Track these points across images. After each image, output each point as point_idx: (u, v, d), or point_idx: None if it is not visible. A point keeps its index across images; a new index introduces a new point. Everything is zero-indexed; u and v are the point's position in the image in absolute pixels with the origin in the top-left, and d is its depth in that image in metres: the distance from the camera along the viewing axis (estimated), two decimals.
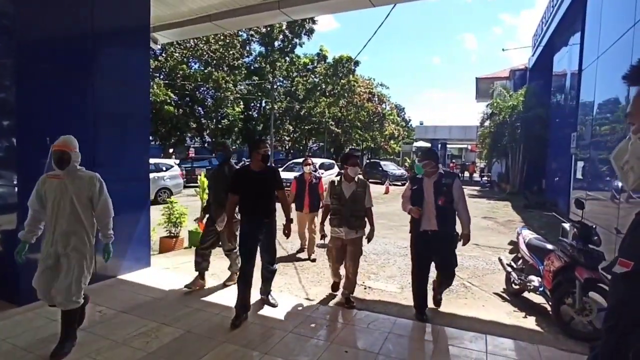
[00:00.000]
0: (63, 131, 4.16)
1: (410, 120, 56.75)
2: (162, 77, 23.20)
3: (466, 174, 29.99)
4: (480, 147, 22.86)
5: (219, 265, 5.05)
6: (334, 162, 20.06)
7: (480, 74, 27.16)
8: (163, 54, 23.49)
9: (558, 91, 15.17)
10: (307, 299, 4.34)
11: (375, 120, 38.54)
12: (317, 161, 17.02)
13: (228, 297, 4.09)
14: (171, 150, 26.81)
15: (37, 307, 3.71)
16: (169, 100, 22.05)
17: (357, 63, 34.02)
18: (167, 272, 5.06)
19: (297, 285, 4.83)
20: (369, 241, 4.07)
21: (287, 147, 37.08)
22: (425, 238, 3.79)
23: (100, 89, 4.51)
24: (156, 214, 6.22)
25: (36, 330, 3.28)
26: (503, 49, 60.08)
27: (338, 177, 4.23)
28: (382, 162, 26.51)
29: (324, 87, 32.96)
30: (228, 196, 3.77)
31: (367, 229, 4.07)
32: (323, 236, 4.25)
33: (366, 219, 4.07)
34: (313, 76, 33.01)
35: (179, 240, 6.55)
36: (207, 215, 4.72)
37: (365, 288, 4.79)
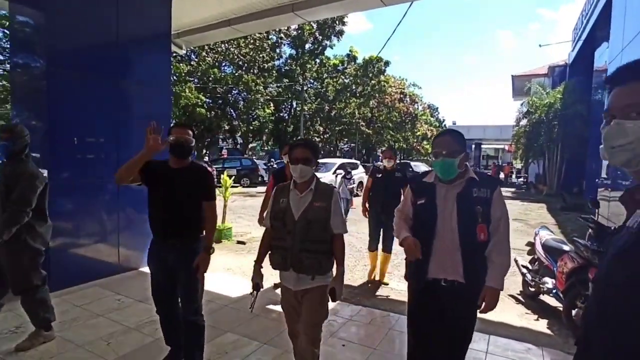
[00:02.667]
0: (90, 133, 4.53)
1: (444, 120, 55.35)
2: (195, 80, 24.07)
3: (501, 175, 28.96)
4: (515, 147, 21.99)
5: (234, 260, 5.24)
6: (357, 162, 19.51)
7: (517, 71, 26.10)
8: (195, 59, 24.38)
9: (600, 87, 14.34)
10: None
11: (407, 120, 38.00)
12: (333, 162, 16.28)
13: (235, 288, 4.25)
14: (204, 151, 27.78)
15: (65, 293, 4.04)
16: (200, 103, 22.83)
17: (387, 63, 33.71)
18: None
19: None
20: (332, 298, 2.13)
21: None
22: (434, 294, 2.08)
23: (124, 93, 4.82)
24: None
25: (61, 315, 3.57)
26: (540, 45, 57.40)
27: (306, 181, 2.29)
28: (412, 163, 26.09)
29: (354, 88, 32.90)
30: None
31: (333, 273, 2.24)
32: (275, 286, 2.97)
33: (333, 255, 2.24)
34: (343, 77, 33.03)
35: None
36: None
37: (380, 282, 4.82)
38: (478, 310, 2.02)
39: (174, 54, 7.30)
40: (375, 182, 4.86)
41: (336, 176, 14.12)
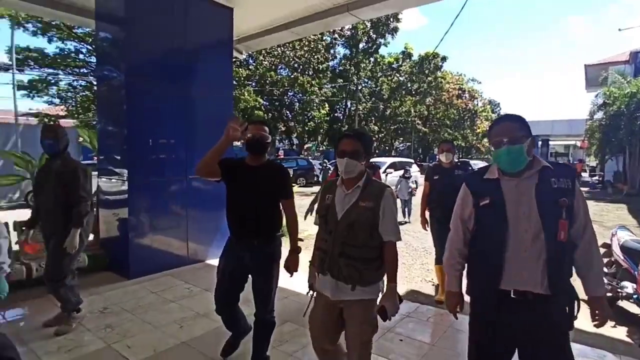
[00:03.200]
0: (162, 135, 4.94)
1: None
2: (253, 84, 25.05)
3: None
4: (589, 142, 20.14)
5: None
6: (411, 160, 18.86)
7: (591, 60, 23.89)
8: (253, 63, 25.36)
9: None
10: None
11: (466, 117, 36.47)
12: (383, 160, 15.83)
13: (295, 283, 4.41)
14: None
15: (142, 281, 4.45)
16: (258, 106, 23.70)
17: (444, 59, 32.61)
18: None
19: None
20: (383, 317, 1.87)
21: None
22: (505, 308, 1.70)
23: (191, 98, 5.19)
24: None
25: (138, 299, 3.96)
26: (620, 29, 51.90)
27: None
28: (472, 162, 24.95)
29: (409, 85, 32.24)
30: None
31: (383, 286, 1.99)
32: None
33: (383, 264, 1.99)
34: (398, 75, 32.50)
35: None
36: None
37: (433, 284, 4.72)
38: (593, 324, 1.74)
39: (235, 59, 7.70)
40: (433, 186, 4.09)
41: (386, 175, 13.86)
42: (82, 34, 17.21)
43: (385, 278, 1.97)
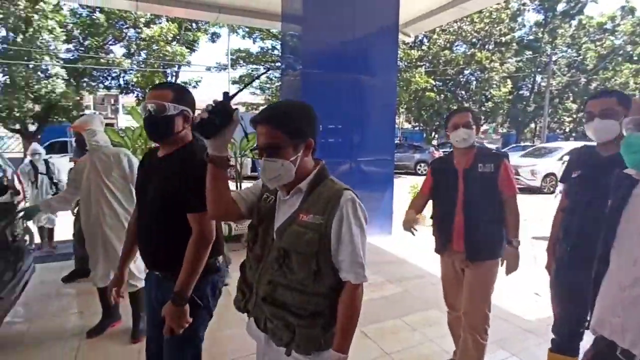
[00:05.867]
0: (331, 121, 5.47)
1: None
2: (425, 65, 24.31)
3: None
4: None
5: None
6: None
7: None
8: (427, 43, 24.50)
9: None
10: None
11: None
12: (559, 146, 12.90)
13: None
14: (433, 135, 27.95)
15: None
16: (430, 87, 22.93)
17: None
18: (405, 242, 5.73)
19: None
20: None
21: (566, 130, 31.23)
22: None
23: (357, 84, 5.56)
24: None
25: None
26: None
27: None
28: None
29: (629, 50, 25.46)
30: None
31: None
32: None
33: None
34: (612, 38, 26.03)
35: (421, 216, 7.15)
36: None
37: None
38: None
39: (406, 42, 7.73)
40: (571, 189, 2.12)
41: (563, 164, 11.45)
42: (276, 33, 20.06)
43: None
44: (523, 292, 3.74)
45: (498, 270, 2.21)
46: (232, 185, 1.54)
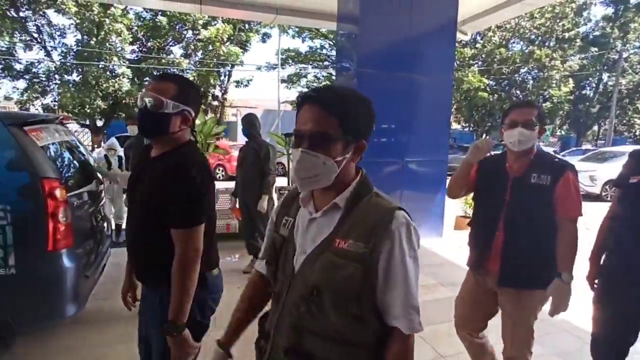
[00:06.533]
0: (383, 121, 5.47)
1: None
2: (478, 63, 23.39)
3: None
4: None
5: None
6: None
7: None
8: (480, 40, 23.54)
9: None
10: None
11: None
12: (624, 150, 11.82)
13: None
14: (483, 135, 26.86)
15: None
16: (483, 86, 22.03)
17: None
18: (455, 245, 5.61)
19: None
20: None
21: (636, 134, 28.71)
22: None
23: (411, 84, 5.50)
24: None
25: None
26: None
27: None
28: None
29: None
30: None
31: None
32: None
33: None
34: None
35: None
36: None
37: None
38: None
39: (459, 40, 7.53)
40: (627, 200, 1.91)
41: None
42: (325, 32, 20.21)
43: None
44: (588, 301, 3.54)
45: (541, 305, 1.86)
46: (284, 182, 1.50)
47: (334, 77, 21.64)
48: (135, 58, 18.50)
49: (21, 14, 15.73)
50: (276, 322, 0.99)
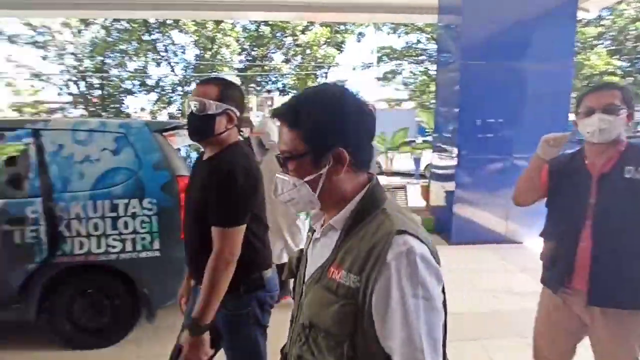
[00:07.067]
0: (491, 115, 5.10)
1: None
2: (604, 43, 20.19)
3: None
4: None
5: None
6: None
7: None
8: (609, 16, 20.24)
9: None
10: None
11: None
12: None
13: None
14: None
15: (460, 247, 4.95)
16: (612, 69, 18.95)
17: None
18: None
19: None
20: None
21: None
22: None
23: (523, 73, 5.03)
24: None
25: (452, 262, 4.42)
26: None
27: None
28: None
29: None
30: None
31: None
32: None
33: None
34: None
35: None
36: None
37: None
38: None
39: (579, 20, 6.64)
40: None
41: None
42: (422, 26, 19.52)
43: None
44: None
45: None
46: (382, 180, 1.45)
47: (430, 72, 20.85)
48: (243, 67, 20.24)
49: (152, 37, 18.42)
50: (288, 349, 0.91)
